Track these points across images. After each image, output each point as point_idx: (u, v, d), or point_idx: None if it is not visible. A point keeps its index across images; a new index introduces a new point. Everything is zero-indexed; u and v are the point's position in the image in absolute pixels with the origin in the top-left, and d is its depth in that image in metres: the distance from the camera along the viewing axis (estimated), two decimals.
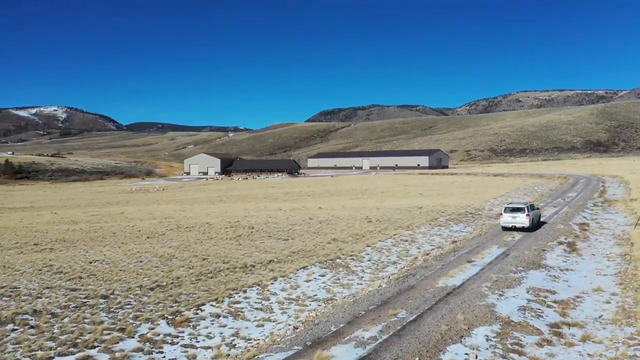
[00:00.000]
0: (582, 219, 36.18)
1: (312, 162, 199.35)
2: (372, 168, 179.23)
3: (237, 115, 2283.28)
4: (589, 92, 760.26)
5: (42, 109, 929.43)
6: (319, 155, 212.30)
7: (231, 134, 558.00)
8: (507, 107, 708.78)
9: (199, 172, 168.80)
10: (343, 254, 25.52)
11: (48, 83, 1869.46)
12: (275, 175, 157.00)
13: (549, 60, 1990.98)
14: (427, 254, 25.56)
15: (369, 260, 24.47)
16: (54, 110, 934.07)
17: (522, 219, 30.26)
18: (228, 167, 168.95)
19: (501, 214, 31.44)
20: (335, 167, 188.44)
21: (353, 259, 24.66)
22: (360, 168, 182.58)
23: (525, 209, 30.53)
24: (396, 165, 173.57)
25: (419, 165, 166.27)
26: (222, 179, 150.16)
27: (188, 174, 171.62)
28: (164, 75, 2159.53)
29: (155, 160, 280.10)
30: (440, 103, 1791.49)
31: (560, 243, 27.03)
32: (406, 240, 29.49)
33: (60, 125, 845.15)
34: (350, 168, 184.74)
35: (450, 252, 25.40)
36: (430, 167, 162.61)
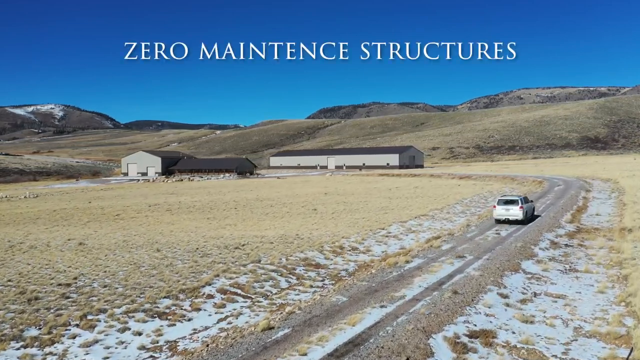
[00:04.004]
0: (490, 310, 14.95)
1: (274, 161, 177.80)
2: (337, 167, 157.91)
3: (238, 113, 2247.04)
4: (591, 89, 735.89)
5: (38, 107, 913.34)
6: (283, 154, 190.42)
7: (218, 132, 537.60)
8: (508, 104, 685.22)
9: (138, 173, 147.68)
10: None
11: (46, 81, 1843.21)
12: (222, 175, 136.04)
13: (551, 57, 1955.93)
14: None
15: None
16: (51, 108, 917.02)
17: (516, 212, 29.71)
18: (171, 166, 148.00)
19: (494, 207, 30.77)
20: (299, 167, 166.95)
21: None
22: (326, 167, 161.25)
23: (519, 201, 30.16)
24: (363, 164, 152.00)
25: (388, 164, 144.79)
26: (155, 180, 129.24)
27: (126, 174, 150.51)
28: (166, 73, 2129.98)
29: None
30: (442, 100, 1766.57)
31: None
32: None
33: (57, 123, 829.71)
34: (315, 167, 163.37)
35: None
36: (400, 167, 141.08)
